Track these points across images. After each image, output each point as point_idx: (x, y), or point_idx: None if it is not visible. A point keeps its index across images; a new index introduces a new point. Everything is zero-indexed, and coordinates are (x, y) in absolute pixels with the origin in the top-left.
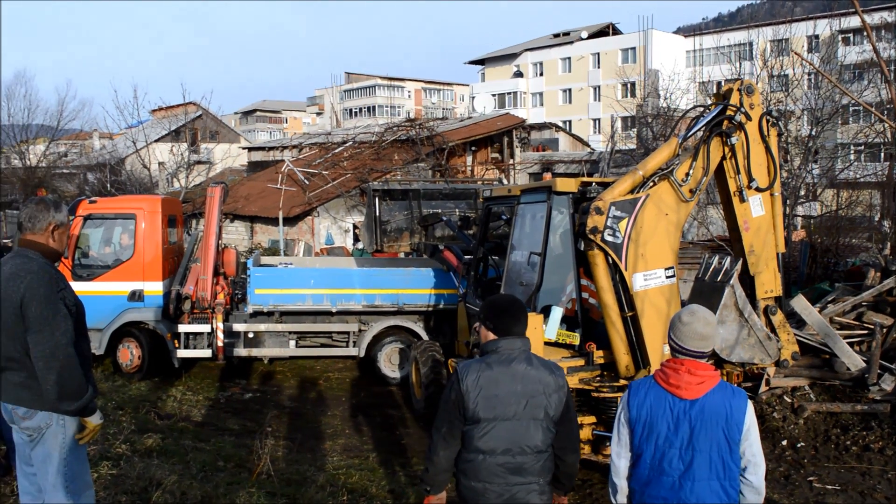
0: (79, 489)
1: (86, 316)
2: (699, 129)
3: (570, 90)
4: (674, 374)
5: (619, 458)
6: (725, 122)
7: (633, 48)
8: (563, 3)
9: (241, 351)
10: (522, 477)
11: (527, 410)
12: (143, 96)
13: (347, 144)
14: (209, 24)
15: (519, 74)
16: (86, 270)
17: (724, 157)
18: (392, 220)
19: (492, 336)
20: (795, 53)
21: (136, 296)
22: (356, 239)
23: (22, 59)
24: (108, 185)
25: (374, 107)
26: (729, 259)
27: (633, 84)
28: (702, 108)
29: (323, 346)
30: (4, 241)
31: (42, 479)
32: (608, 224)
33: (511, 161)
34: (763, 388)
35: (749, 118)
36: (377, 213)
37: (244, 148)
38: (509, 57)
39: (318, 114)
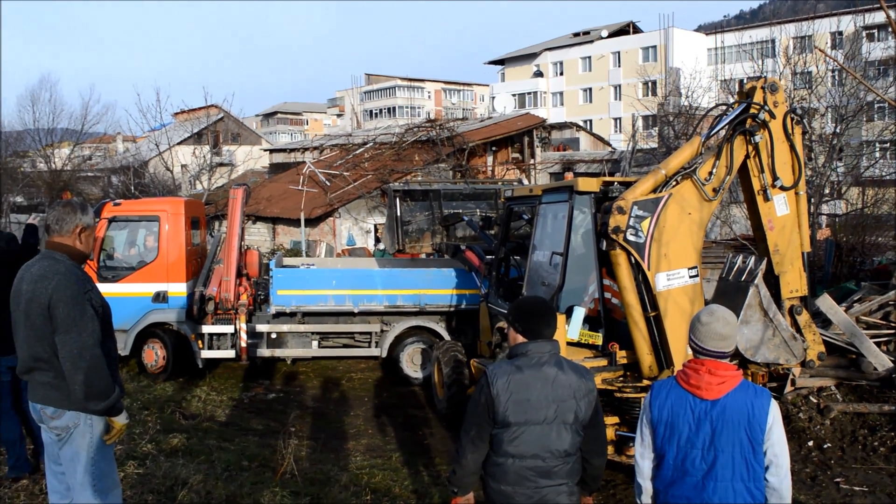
0: (106, 488)
1: (112, 317)
2: (722, 128)
3: (590, 89)
4: (694, 375)
5: (643, 458)
6: (749, 121)
7: (654, 46)
8: (583, 2)
9: (264, 351)
10: (552, 480)
11: (557, 415)
12: (165, 99)
13: (368, 145)
14: (231, 27)
15: (539, 74)
16: (111, 272)
17: (747, 156)
18: (413, 221)
19: (521, 339)
20: (820, 50)
21: (160, 297)
22: (378, 240)
23: (47, 63)
24: (132, 188)
25: (394, 108)
26: (753, 258)
27: (654, 83)
28: (725, 107)
29: (345, 346)
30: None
31: (70, 477)
32: (631, 223)
33: (531, 161)
34: (788, 388)
35: (773, 116)
36: (398, 214)
37: (266, 150)
38: (529, 57)
39: (339, 115)
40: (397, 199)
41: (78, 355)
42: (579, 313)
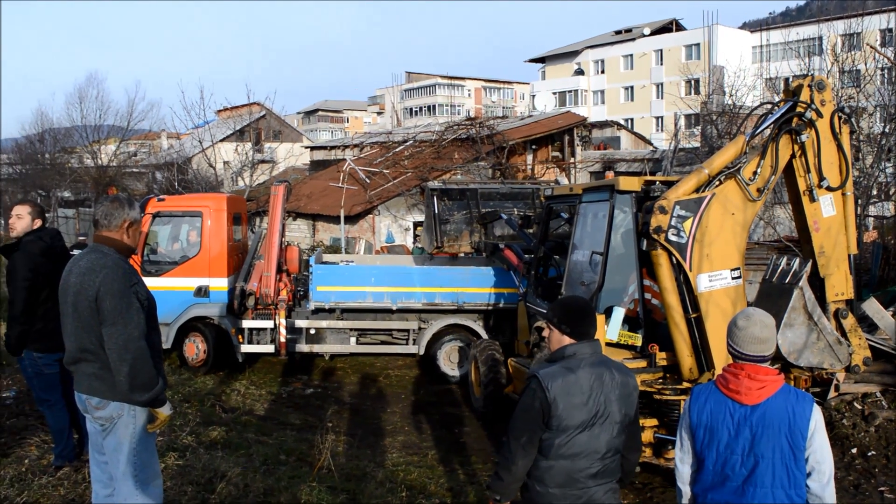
0: (148, 478)
1: (157, 310)
2: (767, 127)
3: (632, 88)
4: (734, 379)
5: (683, 463)
6: (795, 120)
7: (698, 44)
8: (626, 1)
9: (302, 347)
10: (599, 479)
11: (608, 414)
12: (209, 97)
13: (408, 143)
14: (274, 25)
15: (580, 72)
16: (154, 266)
17: (793, 156)
18: (451, 220)
19: (567, 340)
20: (871, 47)
21: (202, 292)
22: (416, 237)
23: (94, 61)
24: (176, 184)
25: (434, 106)
26: (798, 260)
27: (697, 81)
28: (770, 105)
29: (383, 343)
30: (80, 238)
31: (113, 467)
32: (672, 223)
33: (572, 160)
34: (832, 393)
35: (820, 115)
36: (436, 213)
37: (306, 147)
38: (570, 55)
39: (379, 113)
40: (435, 199)
41: (123, 347)
42: (619, 314)
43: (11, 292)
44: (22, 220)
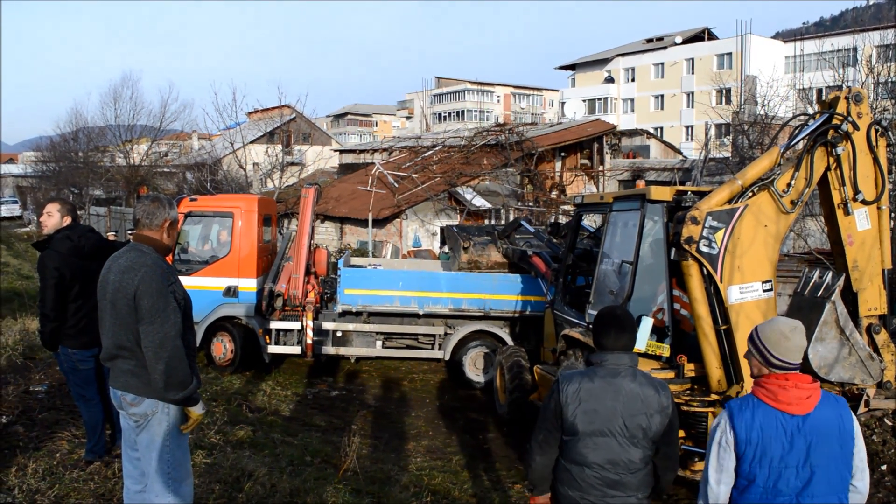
0: (180, 476)
1: (192, 310)
2: (803, 139)
3: (662, 96)
4: (783, 391)
5: (719, 484)
6: (831, 132)
7: (730, 53)
8: (657, 8)
9: (329, 349)
10: (619, 491)
11: (625, 428)
12: (241, 99)
13: (437, 148)
14: (306, 29)
15: (610, 80)
16: (184, 265)
17: (828, 168)
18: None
19: (598, 348)
20: None
21: (231, 292)
22: (443, 242)
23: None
24: (207, 185)
25: (463, 111)
26: (830, 274)
27: (728, 90)
28: (806, 117)
29: (408, 347)
30: (109, 234)
31: (146, 463)
32: (704, 234)
33: (601, 168)
34: (862, 409)
35: (856, 128)
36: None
37: (335, 150)
38: (600, 62)
39: (408, 118)
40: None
41: (160, 345)
42: (647, 323)
43: (41, 289)
44: (52, 217)
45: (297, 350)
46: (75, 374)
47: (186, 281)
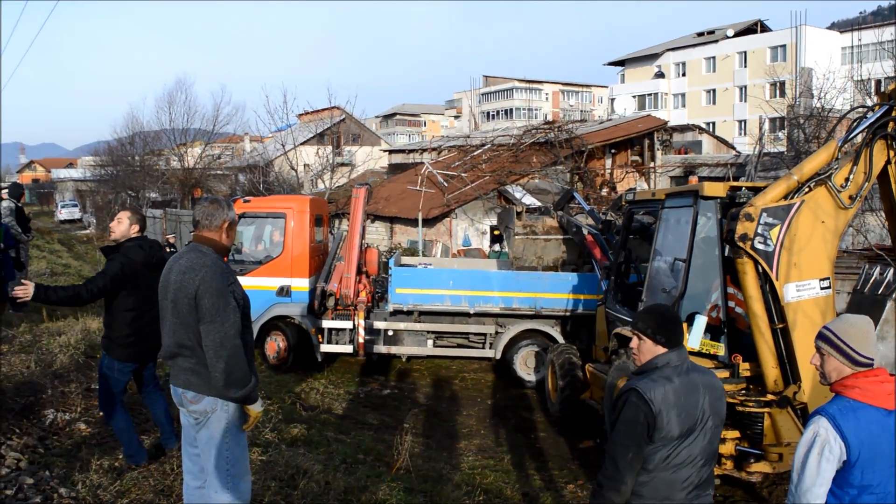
0: (238, 473)
1: (250, 309)
2: (861, 131)
3: (713, 91)
4: (880, 387)
5: (820, 498)
6: (891, 124)
7: (783, 45)
8: (708, 2)
9: (380, 348)
10: (700, 490)
11: (711, 419)
12: (292, 101)
13: (485, 147)
14: (355, 30)
15: (660, 75)
16: (238, 266)
17: (888, 162)
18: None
19: (661, 349)
20: None
21: (283, 291)
22: (493, 241)
23: (184, 65)
24: (259, 186)
25: (511, 109)
26: (891, 271)
27: (782, 83)
28: (864, 109)
29: (459, 346)
30: (167, 238)
31: (205, 460)
32: (759, 231)
33: (652, 164)
34: None
35: None
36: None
37: (385, 150)
38: (650, 57)
39: (456, 117)
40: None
41: (220, 344)
42: (701, 322)
43: (97, 274)
44: (121, 224)
45: (349, 349)
46: (109, 381)
47: (241, 281)
